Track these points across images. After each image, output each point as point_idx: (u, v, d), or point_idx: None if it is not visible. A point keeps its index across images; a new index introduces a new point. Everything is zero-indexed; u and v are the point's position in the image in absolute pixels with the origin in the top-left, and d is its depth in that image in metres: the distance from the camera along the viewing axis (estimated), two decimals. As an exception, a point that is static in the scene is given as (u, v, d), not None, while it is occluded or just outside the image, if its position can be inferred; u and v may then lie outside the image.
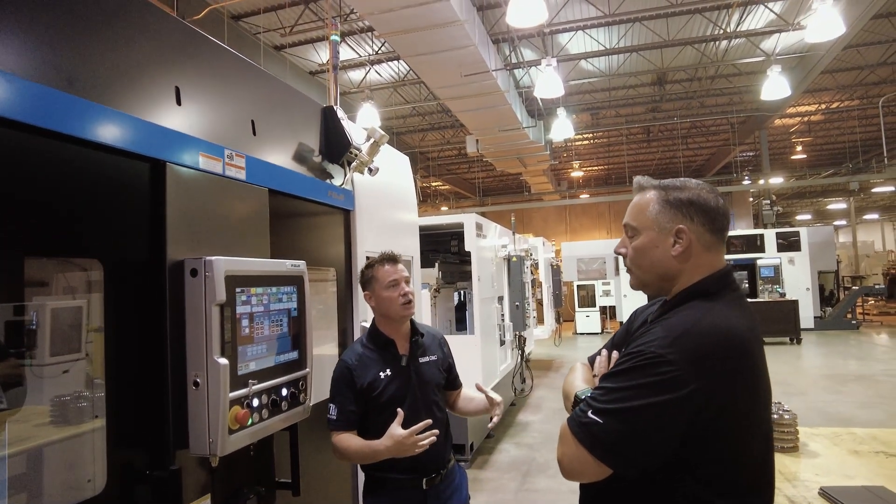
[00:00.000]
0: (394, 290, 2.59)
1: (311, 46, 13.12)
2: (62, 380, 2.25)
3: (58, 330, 2.30)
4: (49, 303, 2.27)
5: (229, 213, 2.24)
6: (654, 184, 1.60)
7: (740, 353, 1.39)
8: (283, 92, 2.79)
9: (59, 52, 1.61)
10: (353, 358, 2.60)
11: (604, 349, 1.79)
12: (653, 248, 1.56)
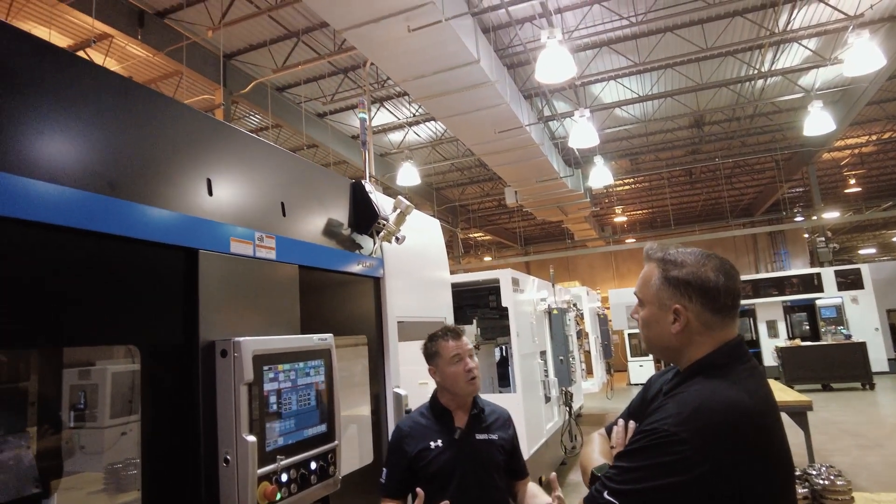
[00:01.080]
0: (458, 364, 2.54)
1: (352, 112, 13.73)
2: (120, 443, 2.37)
3: (117, 393, 2.44)
4: (109, 367, 2.42)
5: (260, 291, 2.36)
6: (656, 257, 1.61)
7: (753, 428, 1.37)
8: (312, 172, 2.95)
9: (102, 160, 1.78)
10: (407, 424, 2.63)
11: (620, 419, 1.77)
12: (654, 322, 1.56)
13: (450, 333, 2.60)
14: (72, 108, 1.73)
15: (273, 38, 10.41)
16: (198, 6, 9.29)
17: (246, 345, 2.02)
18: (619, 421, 1.77)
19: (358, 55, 10.56)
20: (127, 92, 1.92)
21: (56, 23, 8.98)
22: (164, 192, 1.98)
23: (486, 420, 2.60)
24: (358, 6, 6.84)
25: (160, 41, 9.37)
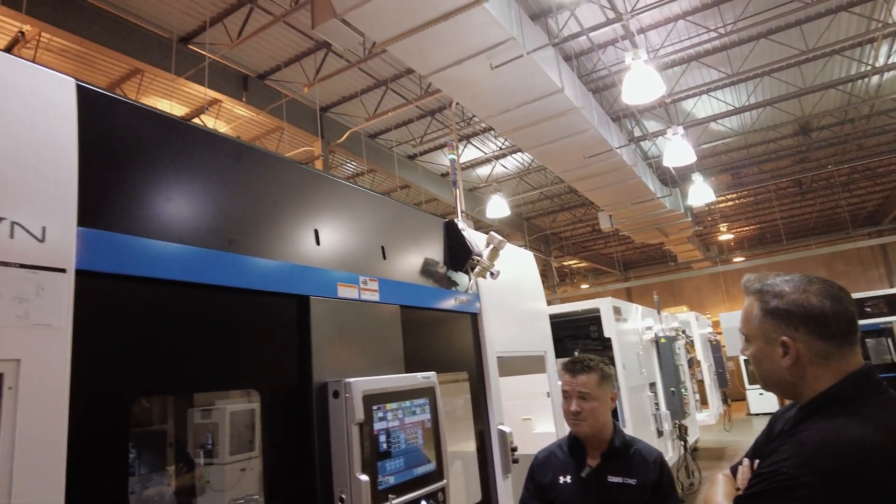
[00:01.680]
0: (565, 401, 2.49)
1: (440, 151, 14.10)
2: (240, 478, 2.52)
3: (235, 431, 2.62)
4: (228, 406, 2.60)
5: (366, 332, 2.46)
6: (754, 289, 1.50)
7: (884, 471, 1.22)
8: (407, 215, 3.06)
9: (222, 219, 1.96)
10: (543, 454, 2.63)
11: (745, 458, 1.66)
12: (764, 358, 1.45)
13: (568, 366, 2.50)
14: (195, 174, 1.92)
15: (364, 89, 10.99)
16: (294, 66, 10.03)
17: (356, 385, 2.10)
18: (745, 461, 1.65)
19: (443, 97, 10.91)
20: (240, 155, 2.11)
21: (175, 95, 10.04)
22: (277, 245, 2.14)
23: (624, 461, 2.38)
24: (441, 50, 7.10)
25: (262, 101, 10.19)
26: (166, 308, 1.74)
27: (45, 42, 8.32)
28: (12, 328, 1.36)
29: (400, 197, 15.38)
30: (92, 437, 1.50)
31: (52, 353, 1.42)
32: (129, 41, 8.20)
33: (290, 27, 8.93)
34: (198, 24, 8.70)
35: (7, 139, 1.43)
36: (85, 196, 1.55)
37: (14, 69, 1.51)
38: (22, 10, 6.70)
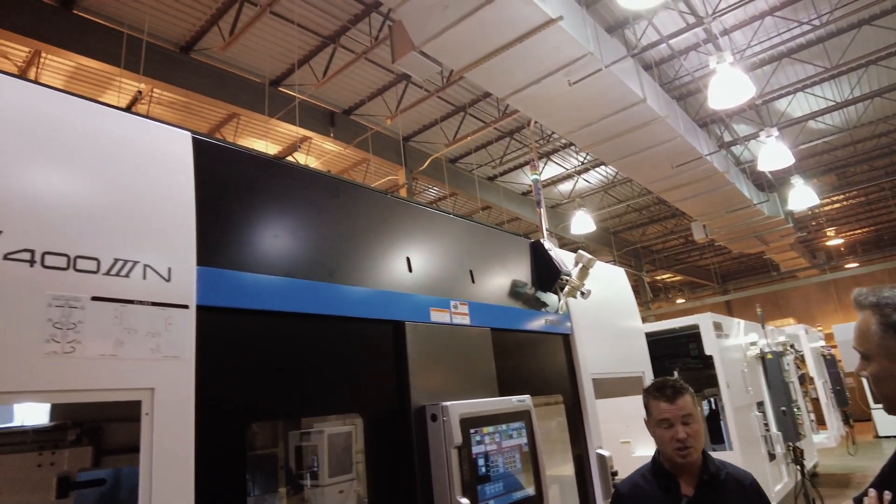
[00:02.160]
0: (667, 430, 2.21)
1: (520, 171, 14.10)
2: (338, 500, 2.61)
3: (332, 453, 2.71)
4: (326, 429, 2.71)
5: (458, 356, 2.50)
6: (869, 302, 1.39)
7: None
8: (493, 238, 3.10)
9: (322, 252, 2.08)
10: (627, 487, 2.40)
11: (871, 489, 1.52)
12: (888, 377, 1.34)
13: (662, 392, 2.26)
14: (297, 211, 2.06)
15: (443, 116, 11.25)
16: (376, 100, 10.45)
17: (453, 409, 2.14)
18: (870, 491, 1.52)
19: (522, 117, 10.94)
20: (337, 190, 2.24)
21: (269, 135, 10.73)
22: (373, 274, 2.23)
23: (721, 488, 2.21)
24: (517, 72, 7.15)
25: (348, 135, 10.67)
26: (275, 338, 1.86)
27: (157, 97, 9.19)
28: (147, 360, 1.51)
29: (482, 218, 15.48)
30: (214, 460, 1.62)
31: (180, 382, 1.56)
32: (226, 89, 8.90)
33: (372, 63, 9.33)
34: (286, 67, 9.29)
35: (137, 192, 1.61)
36: (202, 237, 1.71)
37: (141, 128, 1.70)
38: (140, 71, 7.47)
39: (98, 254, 1.47)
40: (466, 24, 6.10)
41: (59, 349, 1.38)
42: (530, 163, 3.33)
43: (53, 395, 1.40)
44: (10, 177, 1.40)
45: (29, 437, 1.82)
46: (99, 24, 7.63)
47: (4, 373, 1.29)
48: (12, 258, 1.34)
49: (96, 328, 1.44)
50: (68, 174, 1.50)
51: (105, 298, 1.47)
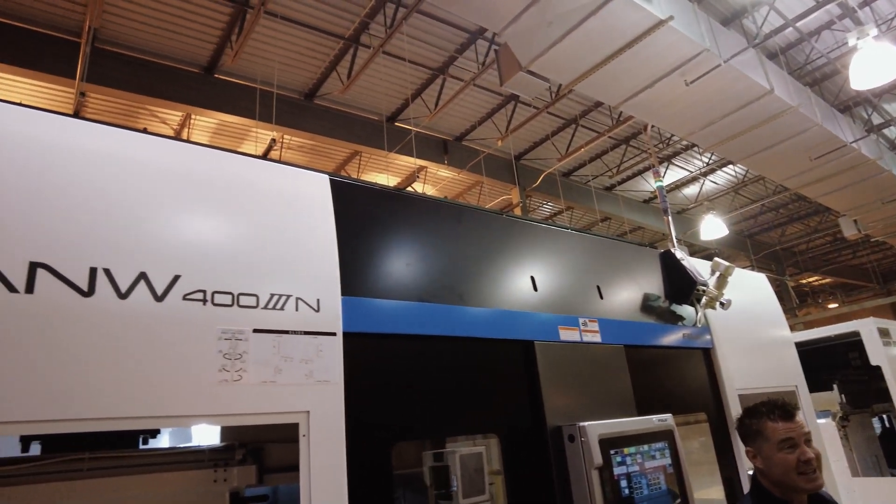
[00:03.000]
0: (791, 452, 1.98)
1: (639, 178, 13.56)
2: None
3: (466, 474, 2.74)
4: (458, 450, 2.74)
5: (591, 375, 2.45)
6: None
7: None
8: (620, 251, 3.01)
9: (452, 277, 2.15)
10: None
11: None
12: None
13: (778, 411, 2.05)
14: (425, 238, 2.16)
15: (553, 131, 11.17)
16: (486, 123, 10.63)
17: (591, 429, 2.09)
18: None
19: (637, 122, 10.57)
20: (460, 215, 2.31)
21: (389, 168, 11.28)
22: (500, 294, 2.27)
23: None
24: (629, 78, 6.94)
25: (461, 160, 10.93)
26: (413, 360, 1.95)
27: (287, 142, 10.05)
28: (302, 385, 1.65)
29: (602, 230, 15.05)
30: (364, 478, 1.72)
31: (332, 405, 1.69)
32: (348, 129, 9.53)
33: (480, 88, 9.53)
34: (400, 103, 9.76)
35: (286, 232, 1.78)
36: (344, 269, 1.85)
37: (287, 175, 1.89)
38: (272, 121, 8.24)
39: (257, 290, 1.65)
40: (572, 37, 6.05)
41: (229, 377, 1.55)
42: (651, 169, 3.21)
43: (225, 418, 1.57)
44: (183, 228, 1.62)
45: (205, 455, 2.05)
46: (236, 84, 8.54)
47: (188, 399, 1.48)
48: (189, 298, 1.54)
49: (258, 357, 1.61)
50: (228, 221, 1.70)
51: (264, 330, 1.63)
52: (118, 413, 1.40)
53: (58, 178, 1.49)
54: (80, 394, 1.36)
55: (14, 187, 1.42)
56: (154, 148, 1.70)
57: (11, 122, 1.51)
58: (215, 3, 7.35)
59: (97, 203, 1.52)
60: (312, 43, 8.26)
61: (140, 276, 1.49)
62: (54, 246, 1.42)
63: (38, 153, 1.50)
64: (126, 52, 7.86)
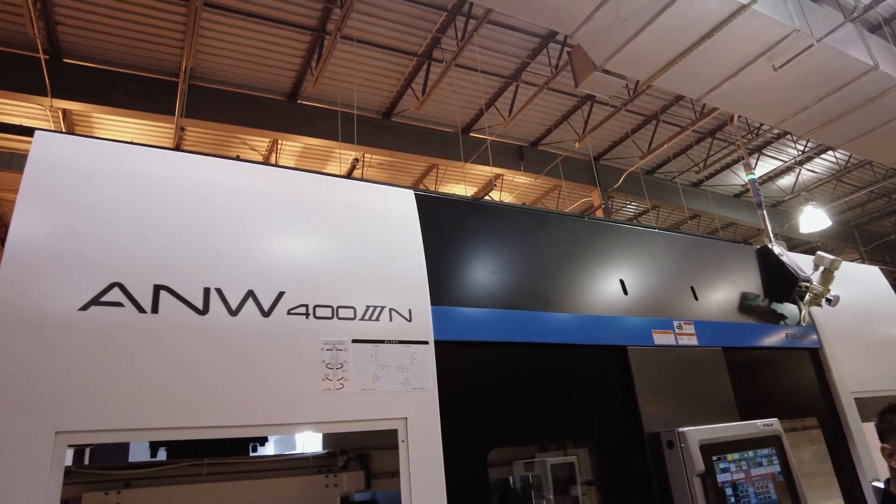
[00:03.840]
0: None
1: (728, 171, 12.89)
2: None
3: (557, 484, 2.70)
4: (548, 459, 2.72)
5: (689, 379, 2.36)
6: None
7: None
8: (713, 249, 2.90)
9: (537, 283, 2.16)
10: None
11: None
12: None
13: None
14: (510, 246, 2.18)
15: (633, 128, 10.86)
16: (562, 126, 10.50)
17: (691, 435, 2.02)
18: None
19: (722, 114, 10.07)
20: (543, 220, 2.32)
21: (466, 178, 11.39)
22: (588, 299, 2.25)
23: None
24: (711, 68, 6.64)
25: (538, 165, 10.85)
26: (503, 367, 1.98)
27: (367, 160, 10.39)
28: (399, 392, 1.72)
29: (691, 228, 14.41)
30: (461, 483, 1.76)
31: (428, 411, 1.74)
32: (425, 143, 9.74)
33: (554, 91, 9.45)
34: (475, 113, 9.85)
35: (378, 247, 1.86)
36: (432, 279, 1.90)
37: (375, 193, 1.98)
38: (354, 141, 8.58)
39: (354, 303, 1.74)
40: (648, 32, 5.89)
41: (332, 386, 1.64)
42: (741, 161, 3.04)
43: (330, 425, 1.66)
44: (284, 247, 1.73)
45: (310, 461, 2.17)
46: (318, 108, 8.96)
47: (296, 407, 1.58)
48: (293, 313, 1.65)
49: (358, 366, 1.69)
50: (324, 239, 1.81)
51: (362, 340, 1.72)
52: (234, 421, 1.52)
53: (173, 209, 1.65)
54: (200, 404, 1.49)
55: (138, 219, 1.59)
56: (254, 175, 1.84)
57: (134, 161, 1.69)
58: (295, 32, 7.77)
59: (207, 228, 1.66)
60: (387, 62, 8.53)
61: (248, 294, 1.61)
62: (173, 269, 1.57)
63: (156, 187, 1.66)
64: (218, 87, 8.46)
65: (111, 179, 1.63)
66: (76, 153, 1.65)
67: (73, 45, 7.60)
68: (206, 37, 7.64)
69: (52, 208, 1.53)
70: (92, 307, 1.46)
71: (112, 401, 1.41)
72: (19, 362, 1.36)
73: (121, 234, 1.56)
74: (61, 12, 7.08)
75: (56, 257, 1.48)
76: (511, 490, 2.71)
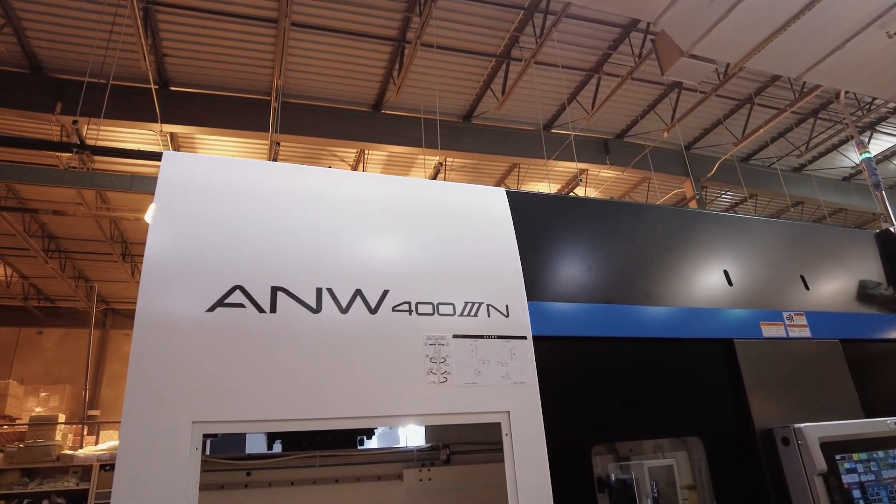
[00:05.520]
0: None
1: (834, 153, 11.92)
2: None
3: (656, 489, 2.60)
4: (645, 462, 2.63)
5: (803, 373, 2.23)
6: None
7: None
8: (825, 235, 2.71)
9: (636, 276, 2.12)
10: None
11: None
12: None
13: None
14: (605, 239, 2.15)
15: (725, 114, 10.31)
16: (648, 116, 10.15)
17: (809, 432, 1.91)
18: None
19: (826, 91, 9.34)
20: (640, 213, 2.27)
21: (549, 175, 11.26)
22: (690, 292, 2.18)
23: None
24: (810, 44, 6.18)
25: (624, 158, 10.54)
26: (603, 362, 1.96)
27: (449, 164, 10.53)
28: (500, 386, 1.75)
29: (793, 217, 13.44)
30: (566, 478, 1.76)
31: (529, 406, 1.76)
32: (506, 143, 9.74)
33: (638, 81, 9.15)
34: (556, 109, 9.73)
35: (473, 245, 1.91)
36: (527, 276, 1.92)
37: (467, 193, 2.03)
38: (437, 146, 8.74)
39: (453, 299, 1.79)
40: (737, 12, 5.58)
41: (436, 379, 1.70)
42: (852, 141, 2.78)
43: (436, 417, 1.72)
44: (386, 248, 1.82)
45: (414, 455, 2.25)
46: (401, 116, 9.20)
47: (403, 399, 1.65)
48: (397, 310, 1.73)
49: (459, 360, 1.74)
50: (422, 239, 1.88)
51: (463, 335, 1.77)
52: (346, 413, 1.61)
53: (285, 216, 1.78)
54: (315, 396, 1.59)
55: (254, 227, 1.73)
56: (356, 182, 1.95)
57: (249, 174, 1.84)
58: (377, 43, 8.03)
59: (316, 232, 1.77)
60: (466, 66, 8.62)
61: (356, 293, 1.70)
62: (288, 272, 1.69)
63: (269, 198, 1.80)
64: (307, 102, 8.89)
65: (231, 192, 1.78)
66: (198, 170, 1.81)
67: (177, 74, 8.28)
68: (295, 55, 8.06)
69: (180, 221, 1.70)
70: (217, 309, 1.60)
71: (239, 394, 1.53)
72: (158, 360, 1.52)
73: (240, 241, 1.70)
74: (168, 45, 7.73)
75: (185, 265, 1.63)
76: (613, 488, 2.65)
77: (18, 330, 15.79)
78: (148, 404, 1.47)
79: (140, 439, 1.43)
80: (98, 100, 6.94)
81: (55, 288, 14.69)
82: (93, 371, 14.57)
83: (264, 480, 2.06)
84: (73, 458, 7.27)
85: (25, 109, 7.75)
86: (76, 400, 13.34)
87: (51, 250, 12.45)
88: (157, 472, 1.42)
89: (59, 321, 16.03)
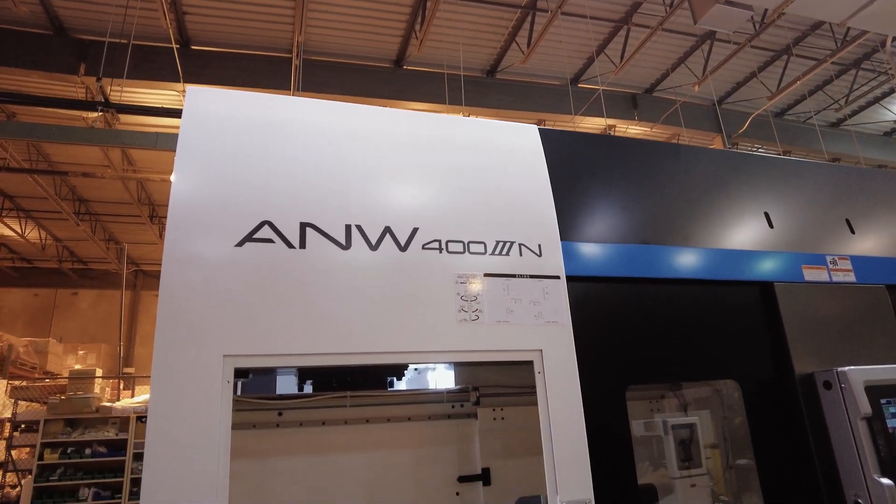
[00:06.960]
0: None
1: (876, 106, 11.40)
2: (689, 493, 2.45)
3: (679, 446, 2.57)
4: (669, 420, 2.59)
5: (847, 318, 2.15)
6: None
7: None
8: (873, 179, 2.58)
9: (675, 217, 2.04)
10: None
11: None
12: None
13: None
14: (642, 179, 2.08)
15: (760, 66, 9.89)
16: (679, 70, 9.78)
17: (853, 375, 1.85)
18: None
19: (870, 39, 8.87)
20: (677, 153, 2.18)
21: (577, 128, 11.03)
22: (729, 234, 2.10)
23: None
24: (860, -15, 5.83)
25: (653, 114, 10.23)
26: (638, 304, 1.91)
27: (473, 121, 10.35)
28: (532, 325, 1.72)
29: (829, 175, 12.98)
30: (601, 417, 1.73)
31: (562, 345, 1.73)
32: (532, 98, 9.50)
33: (669, 32, 8.80)
34: (583, 63, 9.44)
35: (505, 183, 1.85)
36: (561, 215, 1.86)
37: (498, 130, 1.96)
38: (462, 102, 8.58)
39: (484, 238, 1.75)
40: (782, -50, 5.27)
41: (467, 318, 1.67)
42: None
43: (467, 354, 1.69)
44: (416, 186, 1.77)
45: (444, 396, 2.25)
46: (424, 73, 9.02)
47: (434, 336, 1.63)
48: (428, 248, 1.69)
49: (491, 299, 1.71)
50: (453, 177, 1.83)
51: (494, 274, 1.73)
52: (378, 348, 1.59)
53: (314, 152, 1.74)
54: (347, 332, 1.57)
55: (283, 163, 1.69)
56: (387, 118, 1.89)
57: (277, 109, 1.79)
58: (398, -4, 7.82)
59: (346, 169, 1.73)
60: (490, 17, 8.36)
61: (385, 230, 1.67)
62: (317, 208, 1.65)
63: (298, 133, 1.76)
64: (328, 59, 8.76)
65: (257, 128, 1.74)
66: (224, 106, 1.77)
67: (198, 33, 8.19)
68: (315, 10, 7.90)
69: (205, 157, 1.67)
70: (246, 244, 1.58)
71: (269, 328, 1.52)
72: (188, 294, 1.51)
73: (268, 176, 1.66)
74: (188, 2, 7.63)
75: (212, 199, 1.61)
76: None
77: (55, 291, 16.29)
78: (179, 339, 1.47)
79: (172, 374, 1.43)
80: (121, 60, 6.92)
81: (87, 250, 15.05)
82: (126, 331, 15.03)
83: (295, 420, 2.08)
84: (111, 410, 7.58)
85: (49, 71, 7.78)
86: (112, 358, 13.81)
87: (81, 213, 12.69)
88: (190, 406, 1.42)
89: (93, 283, 16.49)
